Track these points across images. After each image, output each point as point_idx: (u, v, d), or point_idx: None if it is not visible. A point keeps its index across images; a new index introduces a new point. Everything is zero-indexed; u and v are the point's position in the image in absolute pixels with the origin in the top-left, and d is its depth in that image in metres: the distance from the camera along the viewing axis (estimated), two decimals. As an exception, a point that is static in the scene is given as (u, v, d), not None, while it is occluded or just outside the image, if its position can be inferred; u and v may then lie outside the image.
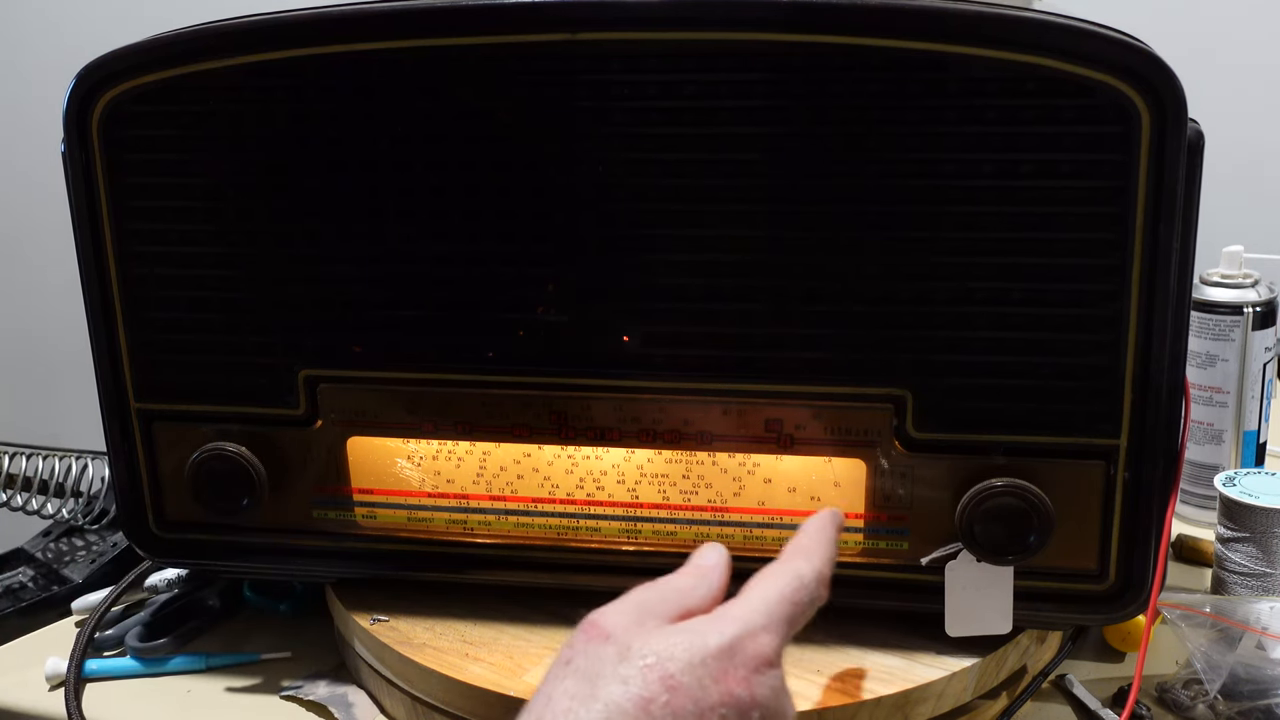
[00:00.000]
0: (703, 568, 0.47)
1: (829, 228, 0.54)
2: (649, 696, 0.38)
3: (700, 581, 0.46)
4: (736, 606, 0.43)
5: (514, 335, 0.58)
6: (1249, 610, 0.61)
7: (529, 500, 0.61)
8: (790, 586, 0.44)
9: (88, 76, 0.58)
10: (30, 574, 0.79)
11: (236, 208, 0.59)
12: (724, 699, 0.39)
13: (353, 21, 0.55)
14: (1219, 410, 0.80)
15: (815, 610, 0.46)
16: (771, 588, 0.44)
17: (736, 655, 0.41)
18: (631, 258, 0.56)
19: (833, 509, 0.51)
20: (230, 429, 0.62)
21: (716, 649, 0.40)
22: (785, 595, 0.44)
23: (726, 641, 0.41)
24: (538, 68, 0.54)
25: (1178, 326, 0.53)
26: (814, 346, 0.56)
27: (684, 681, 0.39)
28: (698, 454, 0.59)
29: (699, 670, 0.39)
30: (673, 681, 0.39)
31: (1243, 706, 0.58)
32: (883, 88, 0.52)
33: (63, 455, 0.86)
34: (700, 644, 0.40)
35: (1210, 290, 0.79)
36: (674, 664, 0.39)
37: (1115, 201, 0.51)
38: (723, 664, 0.40)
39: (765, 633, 0.42)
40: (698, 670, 0.39)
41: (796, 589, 0.44)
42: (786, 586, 0.44)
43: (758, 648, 0.41)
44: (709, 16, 0.53)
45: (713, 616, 0.43)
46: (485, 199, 0.56)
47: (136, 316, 0.61)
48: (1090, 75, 0.50)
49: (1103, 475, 0.55)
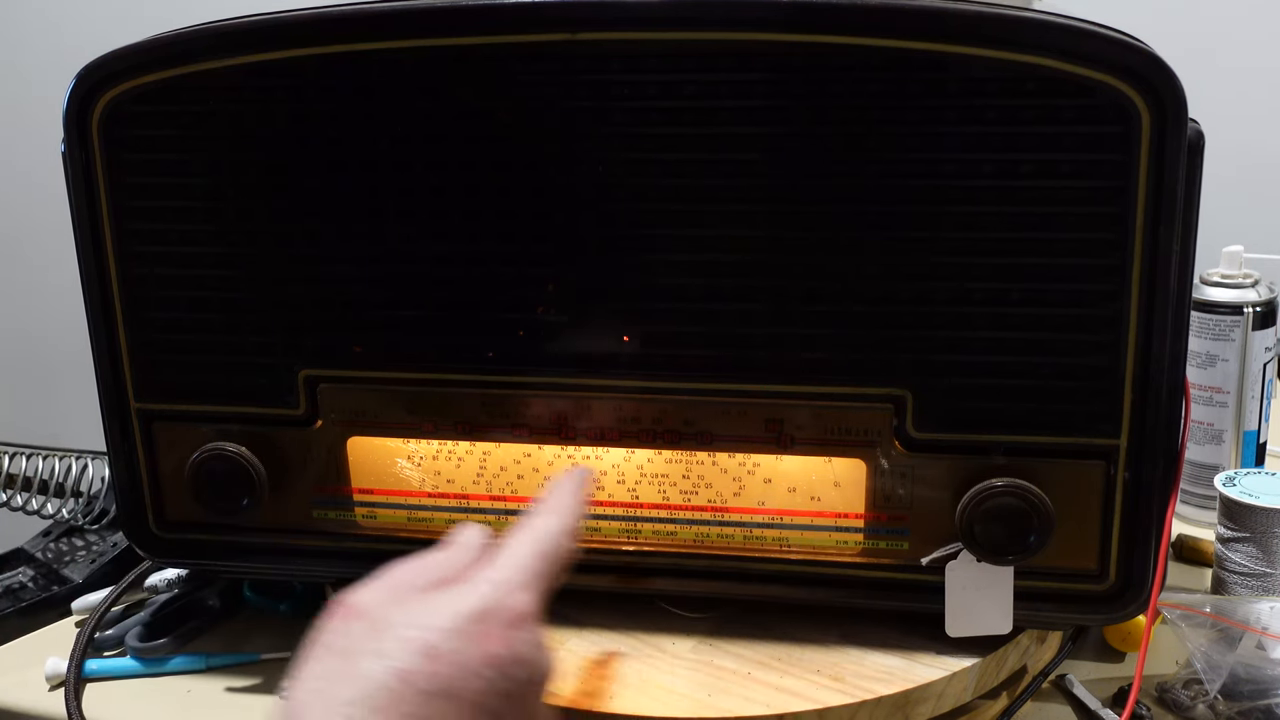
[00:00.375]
0: (460, 543, 0.47)
1: (829, 228, 0.54)
2: (409, 668, 0.39)
3: (457, 553, 0.46)
4: (489, 569, 0.44)
5: (514, 335, 0.58)
6: (1249, 610, 0.61)
7: (529, 500, 0.61)
8: (541, 543, 0.45)
9: (88, 76, 0.58)
10: (30, 574, 0.79)
11: (236, 208, 0.59)
12: (486, 660, 0.40)
13: (353, 21, 0.55)
14: (1219, 410, 0.80)
15: (565, 565, 0.47)
16: (523, 546, 0.45)
17: (493, 616, 0.41)
18: (631, 258, 0.56)
19: (581, 467, 0.53)
20: (230, 429, 0.62)
21: (472, 612, 0.41)
22: (537, 552, 0.45)
23: (483, 604, 0.41)
24: (538, 68, 0.54)
25: (1178, 326, 0.53)
26: (814, 346, 0.56)
27: (444, 649, 0.39)
28: (698, 454, 0.59)
29: (458, 635, 0.40)
30: (433, 650, 0.39)
31: (1243, 706, 0.58)
32: (883, 88, 0.52)
33: (63, 455, 0.86)
34: (456, 609, 0.41)
35: (1210, 290, 0.79)
36: (432, 633, 0.40)
37: (1115, 201, 0.51)
38: (481, 626, 0.41)
39: (521, 590, 0.43)
40: (457, 636, 0.40)
41: (547, 544, 0.46)
42: (538, 543, 0.45)
43: (514, 605, 0.42)
44: (709, 16, 0.53)
45: (468, 581, 0.43)
46: (485, 199, 0.56)
47: (136, 316, 0.61)
48: (1090, 75, 0.50)
49: (1103, 475, 0.55)
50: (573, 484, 0.50)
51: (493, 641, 0.41)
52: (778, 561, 0.59)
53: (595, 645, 0.59)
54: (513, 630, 0.41)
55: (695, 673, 0.57)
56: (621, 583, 0.62)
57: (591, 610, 0.62)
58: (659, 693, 0.55)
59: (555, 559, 0.46)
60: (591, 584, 0.62)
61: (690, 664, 0.58)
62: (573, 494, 0.50)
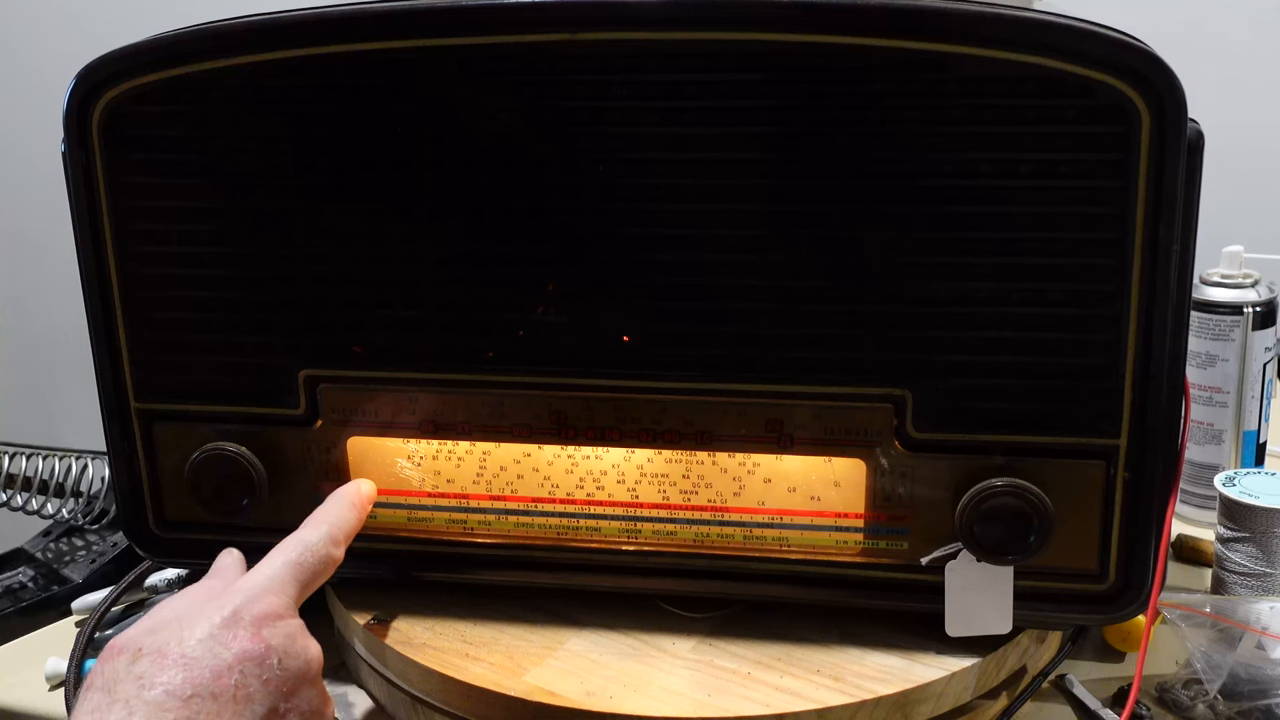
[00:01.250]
0: (217, 569, 0.54)
1: (829, 227, 0.54)
2: (168, 682, 0.43)
3: (213, 579, 0.52)
4: (241, 580, 0.50)
5: (514, 335, 0.58)
6: (1249, 610, 0.61)
7: (529, 500, 0.61)
8: (295, 552, 0.52)
9: (88, 76, 0.58)
10: (30, 574, 0.79)
11: (236, 208, 0.59)
12: (239, 656, 0.45)
13: (353, 21, 0.55)
14: (1219, 410, 0.80)
15: (332, 567, 0.53)
16: (277, 557, 0.52)
17: (242, 619, 0.47)
18: (631, 257, 0.56)
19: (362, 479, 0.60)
20: (230, 429, 0.62)
21: (221, 620, 0.46)
22: (290, 560, 0.51)
23: (229, 611, 0.47)
24: (538, 68, 0.54)
25: (1178, 326, 0.53)
26: (814, 346, 0.56)
27: (197, 655, 0.44)
28: (698, 454, 0.59)
29: (210, 642, 0.45)
30: (186, 659, 0.44)
31: (1243, 706, 0.58)
32: (883, 88, 0.52)
33: (63, 455, 0.86)
34: (210, 620, 0.46)
35: (1210, 290, 0.79)
36: (185, 644, 0.44)
37: (1115, 201, 0.51)
38: (230, 630, 0.46)
39: (269, 594, 0.49)
40: (209, 642, 0.45)
41: (301, 553, 0.52)
42: (291, 553, 0.52)
43: (263, 608, 0.48)
44: (709, 16, 0.53)
45: (219, 595, 0.49)
46: (485, 199, 0.56)
47: (136, 316, 0.61)
48: (1090, 75, 0.50)
49: (1103, 475, 0.55)
50: (343, 495, 0.57)
51: (244, 639, 0.46)
52: (778, 561, 0.59)
53: (595, 645, 0.59)
54: (265, 628, 0.47)
55: (695, 673, 0.57)
56: (621, 583, 0.62)
57: (591, 610, 0.62)
58: (659, 693, 0.55)
59: (311, 566, 0.52)
60: (591, 584, 0.62)
61: (690, 664, 0.58)
62: (340, 505, 0.56)
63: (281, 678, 0.46)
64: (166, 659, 0.44)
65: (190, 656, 0.44)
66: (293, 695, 0.47)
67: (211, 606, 0.47)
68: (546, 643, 0.60)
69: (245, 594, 0.48)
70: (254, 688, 0.45)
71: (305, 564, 0.52)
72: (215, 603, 0.48)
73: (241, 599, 0.48)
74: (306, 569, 0.52)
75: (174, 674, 0.43)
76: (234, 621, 0.46)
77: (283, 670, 0.46)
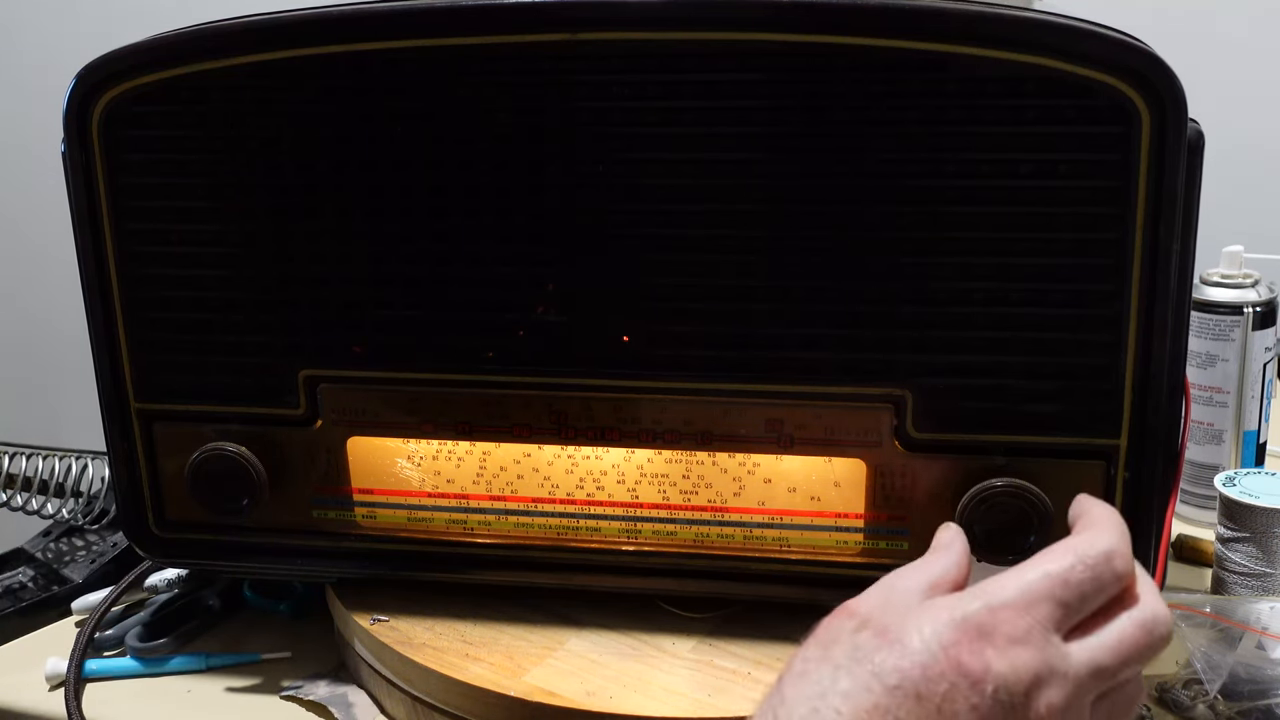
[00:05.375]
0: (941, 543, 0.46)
1: (829, 227, 0.54)
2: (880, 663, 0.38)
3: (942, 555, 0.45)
4: (992, 581, 0.41)
5: (514, 335, 0.58)
6: (1249, 610, 0.61)
7: (529, 500, 0.61)
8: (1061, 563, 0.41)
9: (88, 76, 0.58)
10: (30, 574, 0.79)
11: (236, 208, 0.59)
12: (955, 666, 0.38)
13: (353, 21, 0.55)
14: (1219, 410, 0.80)
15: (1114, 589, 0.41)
16: (1038, 565, 0.41)
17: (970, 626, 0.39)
18: (631, 257, 0.56)
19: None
20: (230, 429, 0.61)
21: (950, 620, 0.39)
22: (1050, 572, 0.41)
23: (960, 615, 0.39)
24: (538, 68, 0.54)
25: (1178, 326, 0.53)
26: (814, 346, 0.56)
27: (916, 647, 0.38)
28: (698, 454, 0.59)
29: (932, 640, 0.38)
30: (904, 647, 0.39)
31: (1243, 706, 0.58)
32: (883, 88, 0.52)
33: (63, 455, 0.86)
34: (936, 615, 0.39)
35: (1210, 290, 0.79)
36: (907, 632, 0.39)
37: (1115, 201, 0.51)
38: (957, 633, 0.39)
39: (1010, 609, 0.40)
40: (931, 640, 0.38)
41: (1070, 567, 0.41)
42: (1054, 564, 0.41)
43: (998, 622, 0.39)
44: (709, 16, 0.53)
45: (963, 596, 0.41)
46: (485, 199, 0.56)
47: (136, 316, 0.61)
48: (1090, 75, 0.50)
49: (1103, 475, 0.55)
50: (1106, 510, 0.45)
51: (963, 650, 0.38)
52: (778, 561, 0.59)
53: (595, 645, 0.59)
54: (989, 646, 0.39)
55: (695, 673, 0.57)
56: (621, 583, 0.62)
57: (591, 610, 0.62)
58: (659, 693, 0.55)
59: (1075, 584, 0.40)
60: (591, 584, 0.62)
61: (690, 664, 0.58)
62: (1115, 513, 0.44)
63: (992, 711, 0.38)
64: (886, 638, 0.39)
65: (909, 646, 0.38)
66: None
67: (948, 601, 0.40)
68: (546, 643, 0.60)
69: (986, 600, 0.40)
70: (960, 708, 0.38)
71: (1072, 581, 0.40)
72: (954, 598, 0.41)
73: (980, 605, 0.40)
74: (1073, 588, 0.40)
75: (887, 657, 0.38)
76: (963, 626, 0.39)
77: (994, 703, 0.38)
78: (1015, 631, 0.39)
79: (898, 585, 0.43)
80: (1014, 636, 0.39)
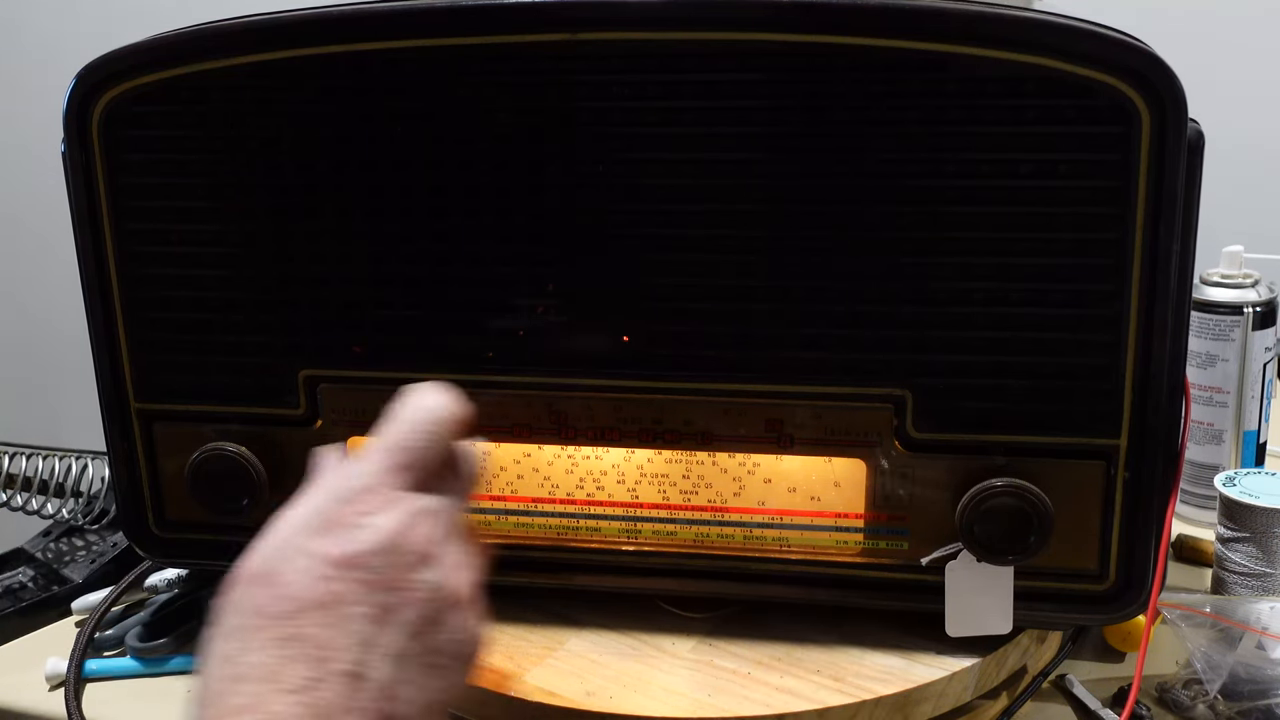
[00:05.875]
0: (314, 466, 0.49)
1: (829, 227, 0.54)
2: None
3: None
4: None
5: (514, 335, 0.58)
6: (1249, 610, 0.61)
7: (529, 500, 0.61)
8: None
9: (88, 76, 0.58)
10: (30, 574, 0.79)
11: (236, 208, 0.59)
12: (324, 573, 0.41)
13: (353, 21, 0.55)
14: (1219, 410, 0.80)
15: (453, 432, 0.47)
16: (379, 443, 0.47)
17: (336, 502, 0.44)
18: (631, 257, 0.56)
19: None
20: (230, 429, 0.61)
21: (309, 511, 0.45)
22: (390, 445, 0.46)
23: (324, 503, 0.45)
24: (538, 68, 0.54)
25: (1178, 326, 0.53)
26: (814, 346, 0.56)
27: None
28: (698, 454, 0.59)
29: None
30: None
31: (1243, 706, 0.58)
32: (883, 88, 0.52)
33: (63, 455, 0.86)
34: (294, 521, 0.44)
35: (1210, 290, 0.79)
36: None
37: (1115, 201, 0.51)
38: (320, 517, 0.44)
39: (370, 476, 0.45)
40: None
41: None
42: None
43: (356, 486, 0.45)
44: (709, 16, 0.53)
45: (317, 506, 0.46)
46: (485, 199, 0.56)
47: (136, 316, 0.61)
48: (1090, 75, 0.50)
49: (1103, 475, 0.55)
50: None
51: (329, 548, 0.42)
52: (778, 561, 0.59)
53: (595, 645, 0.59)
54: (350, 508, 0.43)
55: (695, 673, 0.57)
56: (621, 583, 0.62)
57: (591, 610, 0.62)
58: (659, 693, 0.55)
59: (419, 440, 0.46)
60: (591, 584, 0.62)
61: (690, 664, 0.58)
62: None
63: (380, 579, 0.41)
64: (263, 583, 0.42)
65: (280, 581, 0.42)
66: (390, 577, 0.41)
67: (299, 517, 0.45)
68: (546, 643, 0.60)
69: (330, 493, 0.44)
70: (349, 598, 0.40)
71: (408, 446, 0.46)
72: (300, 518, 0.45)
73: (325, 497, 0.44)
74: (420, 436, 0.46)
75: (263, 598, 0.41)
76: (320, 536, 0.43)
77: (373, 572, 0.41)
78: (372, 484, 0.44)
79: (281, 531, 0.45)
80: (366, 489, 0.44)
